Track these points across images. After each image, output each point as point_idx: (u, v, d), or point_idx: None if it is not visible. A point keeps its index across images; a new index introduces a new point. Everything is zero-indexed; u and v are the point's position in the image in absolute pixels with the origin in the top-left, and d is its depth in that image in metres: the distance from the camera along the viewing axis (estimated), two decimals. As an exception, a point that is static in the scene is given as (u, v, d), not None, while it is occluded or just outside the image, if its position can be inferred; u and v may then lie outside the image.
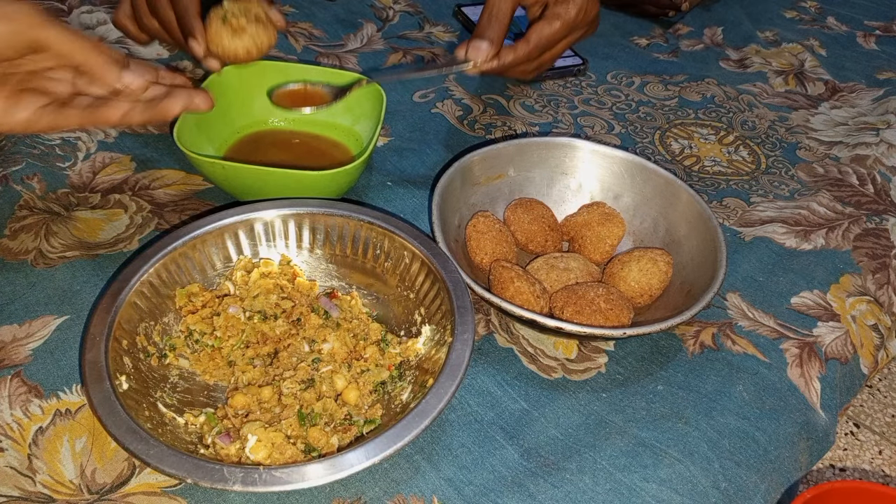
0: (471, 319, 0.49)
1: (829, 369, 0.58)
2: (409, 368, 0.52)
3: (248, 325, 0.53)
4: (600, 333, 0.51)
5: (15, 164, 0.67)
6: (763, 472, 0.50)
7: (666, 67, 0.91)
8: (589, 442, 0.50)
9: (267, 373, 0.51)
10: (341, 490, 0.46)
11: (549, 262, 0.60)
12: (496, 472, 0.48)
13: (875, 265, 0.66)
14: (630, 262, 0.59)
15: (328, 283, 0.58)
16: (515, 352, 0.56)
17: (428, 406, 0.44)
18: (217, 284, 0.56)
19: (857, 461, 1.37)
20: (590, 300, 0.55)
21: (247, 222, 0.56)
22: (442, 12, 0.97)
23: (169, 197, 0.66)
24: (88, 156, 0.69)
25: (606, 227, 0.62)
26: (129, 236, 0.62)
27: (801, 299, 0.62)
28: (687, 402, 0.53)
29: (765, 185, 0.74)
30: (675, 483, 0.48)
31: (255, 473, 0.41)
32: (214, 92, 0.68)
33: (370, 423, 0.49)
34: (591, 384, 0.54)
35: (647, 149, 0.77)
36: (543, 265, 0.59)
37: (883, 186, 0.75)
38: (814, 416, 0.55)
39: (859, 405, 1.46)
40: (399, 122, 0.77)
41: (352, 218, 0.57)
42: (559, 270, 0.59)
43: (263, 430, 0.46)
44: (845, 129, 0.83)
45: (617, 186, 0.65)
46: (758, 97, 0.87)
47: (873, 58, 0.96)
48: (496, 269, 0.57)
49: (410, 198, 0.68)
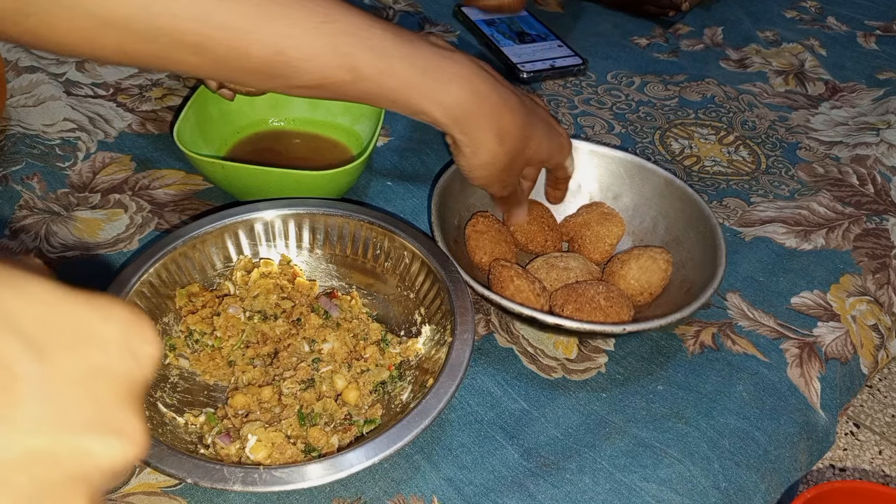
0: (471, 319, 0.49)
1: (829, 369, 0.58)
2: (409, 368, 0.52)
3: (248, 325, 0.53)
4: (600, 330, 0.51)
5: (15, 164, 0.67)
6: (763, 472, 0.50)
7: (666, 67, 0.91)
8: (589, 442, 0.50)
9: (267, 373, 0.51)
10: (341, 490, 0.46)
11: (548, 262, 0.60)
12: (496, 472, 0.48)
13: (875, 265, 0.66)
14: (629, 260, 0.59)
15: (328, 283, 0.58)
16: (515, 352, 0.56)
17: (428, 406, 0.44)
18: (217, 284, 0.56)
19: (857, 461, 1.37)
20: (590, 297, 0.55)
21: (247, 222, 0.56)
22: (442, 12, 0.97)
23: (169, 197, 0.66)
24: (88, 156, 0.69)
25: (605, 227, 0.62)
26: (129, 236, 0.62)
27: (801, 299, 0.62)
28: (687, 401, 0.53)
29: (765, 185, 0.74)
30: (675, 483, 0.48)
31: (255, 473, 0.41)
32: (214, 93, 0.68)
33: (370, 423, 0.49)
34: (591, 384, 0.54)
35: (647, 149, 0.77)
36: (543, 265, 0.59)
37: (883, 186, 0.75)
38: (814, 416, 0.55)
39: (859, 405, 1.46)
40: (399, 122, 0.77)
41: (352, 218, 0.57)
42: (559, 270, 0.59)
43: (263, 430, 0.46)
44: (845, 129, 0.83)
45: (616, 186, 0.65)
46: (758, 97, 0.87)
47: (873, 58, 0.96)
48: (496, 268, 0.57)
49: (410, 198, 0.68)
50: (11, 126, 0.71)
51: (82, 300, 0.20)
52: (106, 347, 0.20)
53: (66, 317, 0.20)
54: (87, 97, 0.75)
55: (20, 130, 0.71)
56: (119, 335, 0.20)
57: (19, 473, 0.18)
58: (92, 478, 0.19)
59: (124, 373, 0.20)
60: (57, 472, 0.19)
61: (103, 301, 0.21)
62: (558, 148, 0.57)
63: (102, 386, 0.20)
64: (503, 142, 0.51)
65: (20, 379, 0.18)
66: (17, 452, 0.18)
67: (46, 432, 0.18)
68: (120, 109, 0.74)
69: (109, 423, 0.20)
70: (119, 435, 0.20)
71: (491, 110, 0.50)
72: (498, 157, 0.51)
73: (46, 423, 0.18)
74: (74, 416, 0.19)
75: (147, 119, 0.74)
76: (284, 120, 0.73)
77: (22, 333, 0.18)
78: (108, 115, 0.74)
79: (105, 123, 0.73)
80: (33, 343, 0.19)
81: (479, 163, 0.52)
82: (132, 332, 0.21)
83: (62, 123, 0.72)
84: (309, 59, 0.45)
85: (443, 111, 0.49)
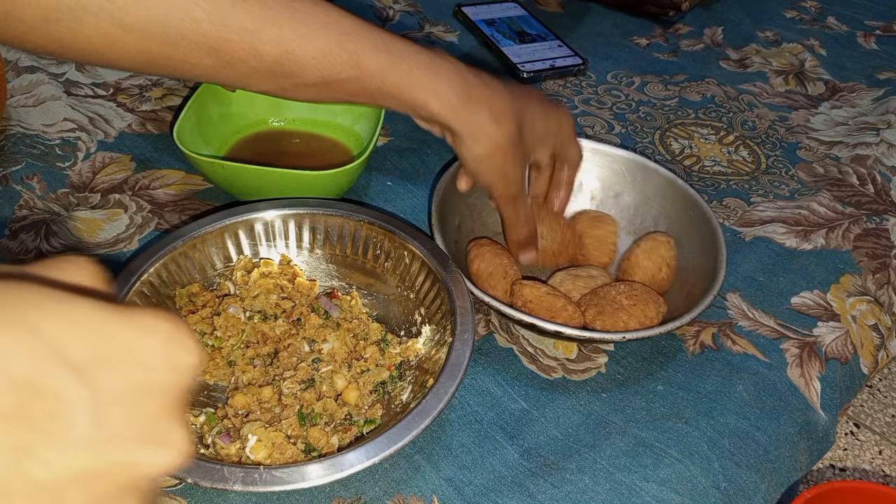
0: (471, 319, 0.49)
1: (829, 369, 0.58)
2: (409, 368, 0.52)
3: (248, 325, 0.53)
4: (599, 337, 0.51)
5: (15, 164, 0.67)
6: (763, 472, 0.50)
7: (666, 67, 0.91)
8: (589, 442, 0.50)
9: (267, 373, 0.51)
10: (341, 490, 0.46)
11: (570, 274, 0.59)
12: (496, 472, 0.48)
13: (875, 265, 0.66)
14: (634, 250, 0.60)
15: (328, 283, 0.58)
16: (515, 352, 0.56)
17: (428, 406, 0.44)
18: (217, 284, 0.56)
19: (857, 461, 1.37)
20: (611, 299, 0.55)
21: (247, 222, 0.56)
22: (442, 12, 0.97)
23: (169, 197, 0.66)
24: (88, 156, 0.69)
25: (601, 229, 0.62)
26: (129, 236, 0.62)
27: (802, 299, 0.62)
28: (687, 402, 0.53)
29: (765, 185, 0.74)
30: (675, 483, 0.48)
31: (255, 473, 0.41)
32: (214, 93, 0.68)
33: (370, 423, 0.49)
34: (591, 384, 0.54)
35: (647, 149, 0.77)
36: (566, 277, 0.59)
37: (883, 186, 0.75)
38: (814, 416, 0.55)
39: (859, 405, 1.46)
40: (399, 122, 0.77)
41: (352, 218, 0.57)
42: (584, 279, 0.59)
43: (263, 430, 0.46)
44: (845, 128, 0.83)
45: (618, 185, 0.65)
46: (758, 97, 0.87)
47: (873, 57, 0.96)
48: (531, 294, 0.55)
49: (410, 198, 0.68)
50: (11, 126, 0.71)
51: (125, 319, 0.21)
52: (149, 364, 0.21)
53: (109, 338, 0.21)
54: (87, 97, 0.75)
55: (20, 130, 0.71)
56: (161, 350, 0.22)
57: (75, 491, 0.20)
58: (141, 485, 0.21)
59: (167, 386, 0.22)
60: (109, 484, 0.20)
61: (144, 316, 0.22)
62: (557, 122, 0.57)
63: (147, 401, 0.21)
64: (499, 121, 0.52)
65: (68, 404, 0.19)
66: (72, 471, 0.19)
67: (96, 451, 0.20)
68: (120, 109, 0.74)
69: (155, 436, 0.21)
70: (164, 445, 0.21)
71: (482, 95, 0.52)
72: (497, 140, 0.52)
73: (96, 442, 0.20)
74: (121, 433, 0.20)
75: (147, 119, 0.74)
76: (284, 120, 0.73)
77: (68, 361, 0.20)
78: (108, 115, 0.74)
79: (105, 123, 0.73)
80: (79, 368, 0.20)
81: (481, 151, 0.52)
82: (173, 345, 0.22)
83: (62, 123, 0.72)
84: (316, 56, 0.48)
85: (441, 103, 0.51)
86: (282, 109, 0.72)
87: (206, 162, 0.60)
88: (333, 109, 0.72)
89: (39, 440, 0.19)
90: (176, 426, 0.22)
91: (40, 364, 0.19)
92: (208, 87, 0.68)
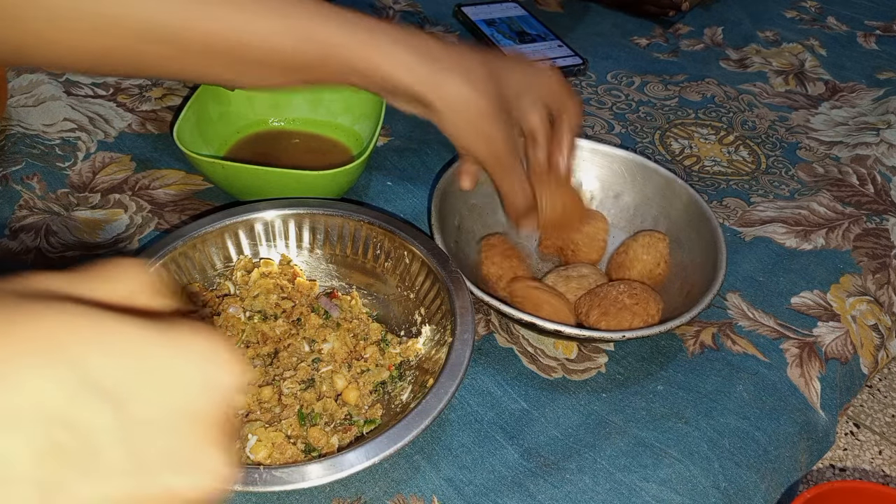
0: (471, 319, 0.49)
1: (829, 369, 0.58)
2: (410, 368, 0.52)
3: (248, 325, 0.53)
4: (598, 336, 0.51)
5: (15, 164, 0.67)
6: (763, 472, 0.50)
7: (666, 67, 0.91)
8: (589, 442, 0.50)
9: (267, 373, 0.51)
10: (341, 490, 0.46)
11: (562, 275, 0.59)
12: (496, 472, 0.48)
13: (875, 265, 0.66)
14: (630, 245, 0.60)
15: (328, 283, 0.58)
16: (515, 352, 0.56)
17: (428, 406, 0.44)
18: (217, 284, 0.56)
19: (857, 461, 1.37)
20: (613, 298, 0.55)
21: (247, 222, 0.56)
22: (442, 12, 0.97)
23: (169, 197, 0.66)
24: (88, 156, 0.69)
25: (592, 225, 0.62)
26: (129, 236, 0.62)
27: (801, 299, 0.62)
28: (687, 402, 0.53)
29: (765, 185, 0.74)
30: (675, 483, 0.48)
31: (255, 473, 0.41)
32: (214, 93, 0.68)
33: (370, 423, 0.49)
34: (591, 384, 0.54)
35: (647, 149, 0.77)
36: (558, 279, 0.59)
37: (883, 186, 0.75)
38: (814, 416, 0.55)
39: (859, 405, 1.46)
40: (399, 122, 0.77)
41: (352, 218, 0.57)
42: (576, 279, 0.58)
43: (263, 430, 0.46)
44: (845, 128, 0.83)
45: (617, 185, 0.65)
46: (758, 97, 0.87)
47: (873, 58, 0.96)
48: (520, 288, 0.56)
49: (410, 198, 0.68)
50: (11, 126, 0.71)
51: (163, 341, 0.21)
52: (186, 387, 0.21)
53: (144, 362, 0.20)
54: (87, 97, 0.75)
55: (20, 130, 0.71)
56: (198, 372, 0.21)
57: None
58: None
59: (204, 408, 0.21)
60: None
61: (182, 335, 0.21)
62: (539, 77, 0.53)
63: (183, 425, 0.21)
64: (474, 85, 0.49)
65: (100, 432, 0.19)
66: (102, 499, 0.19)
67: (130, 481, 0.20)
68: (120, 109, 0.74)
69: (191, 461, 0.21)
70: (201, 470, 0.21)
71: (451, 59, 0.49)
72: (477, 105, 0.49)
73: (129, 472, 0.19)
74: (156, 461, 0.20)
75: (147, 119, 0.74)
76: (284, 120, 0.73)
77: (100, 389, 0.19)
78: (108, 115, 0.74)
79: (105, 123, 0.73)
80: (111, 396, 0.19)
81: (459, 119, 0.50)
82: (211, 365, 0.21)
83: (62, 123, 0.72)
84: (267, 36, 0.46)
85: (408, 72, 0.48)
86: (282, 109, 0.72)
87: (205, 162, 0.60)
88: (333, 109, 0.72)
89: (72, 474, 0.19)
90: (213, 450, 0.21)
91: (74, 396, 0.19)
92: (208, 87, 0.68)
